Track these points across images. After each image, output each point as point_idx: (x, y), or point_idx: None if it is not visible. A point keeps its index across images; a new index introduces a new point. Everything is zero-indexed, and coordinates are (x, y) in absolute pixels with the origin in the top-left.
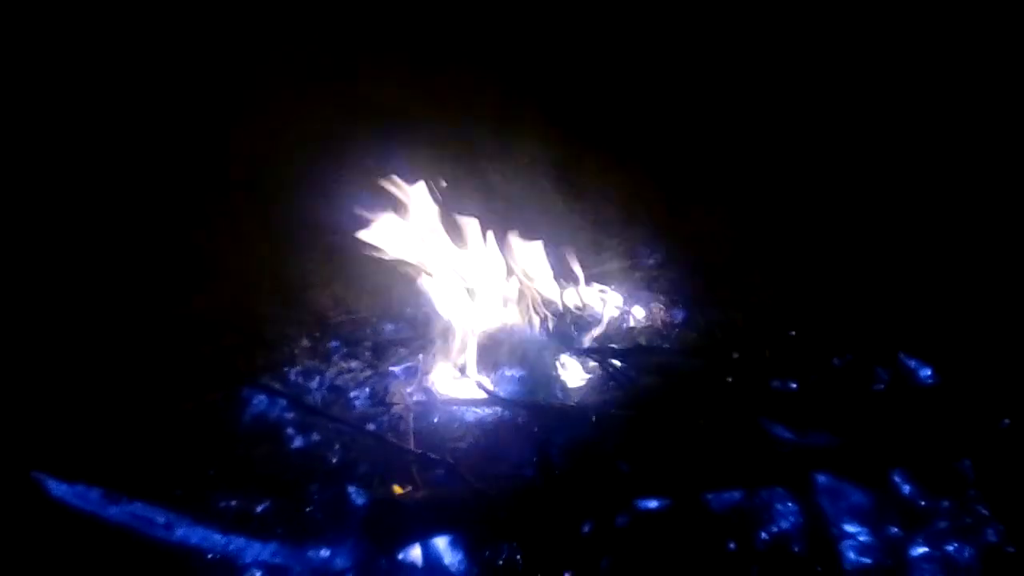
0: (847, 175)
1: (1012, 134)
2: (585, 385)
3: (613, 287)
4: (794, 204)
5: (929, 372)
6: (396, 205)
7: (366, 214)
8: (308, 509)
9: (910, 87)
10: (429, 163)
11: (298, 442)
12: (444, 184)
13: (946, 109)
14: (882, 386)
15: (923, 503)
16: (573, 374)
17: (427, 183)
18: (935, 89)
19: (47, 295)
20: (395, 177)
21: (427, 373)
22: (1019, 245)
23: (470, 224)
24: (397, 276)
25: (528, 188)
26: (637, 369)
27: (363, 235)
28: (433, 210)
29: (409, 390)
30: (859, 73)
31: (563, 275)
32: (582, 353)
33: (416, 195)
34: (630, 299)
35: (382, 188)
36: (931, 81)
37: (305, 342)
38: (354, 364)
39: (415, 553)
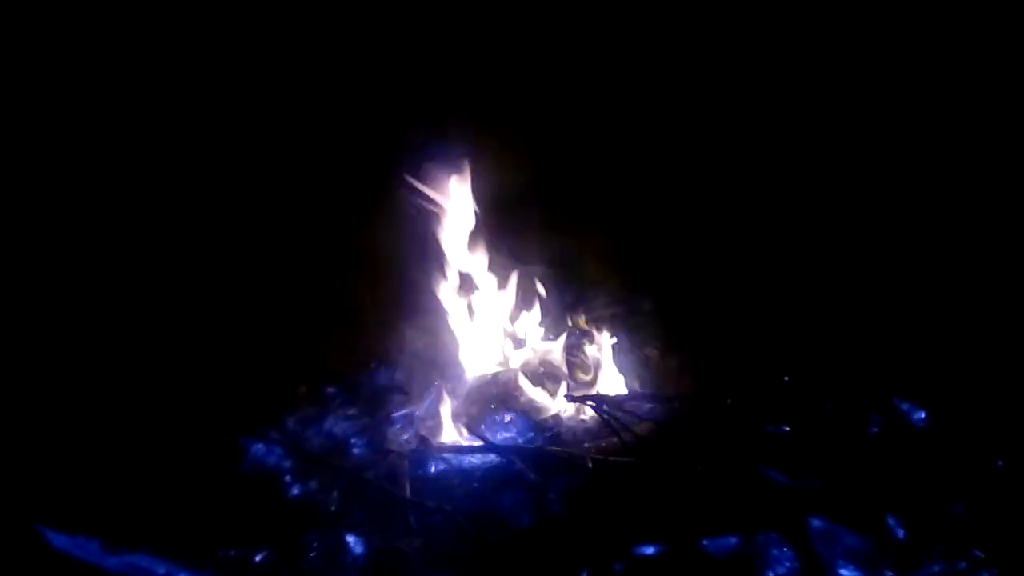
0: (840, 216)
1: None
2: (581, 432)
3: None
4: (786, 248)
5: (923, 415)
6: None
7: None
8: (307, 557)
9: (909, 99)
10: None
11: (296, 490)
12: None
13: (934, 129)
14: (876, 429)
15: (917, 547)
16: (568, 420)
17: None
18: (928, 101)
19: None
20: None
21: (424, 420)
22: (1012, 287)
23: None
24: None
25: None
26: (632, 415)
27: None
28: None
29: (406, 437)
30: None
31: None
32: (577, 400)
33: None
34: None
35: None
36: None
37: (303, 389)
38: (352, 411)
39: None
